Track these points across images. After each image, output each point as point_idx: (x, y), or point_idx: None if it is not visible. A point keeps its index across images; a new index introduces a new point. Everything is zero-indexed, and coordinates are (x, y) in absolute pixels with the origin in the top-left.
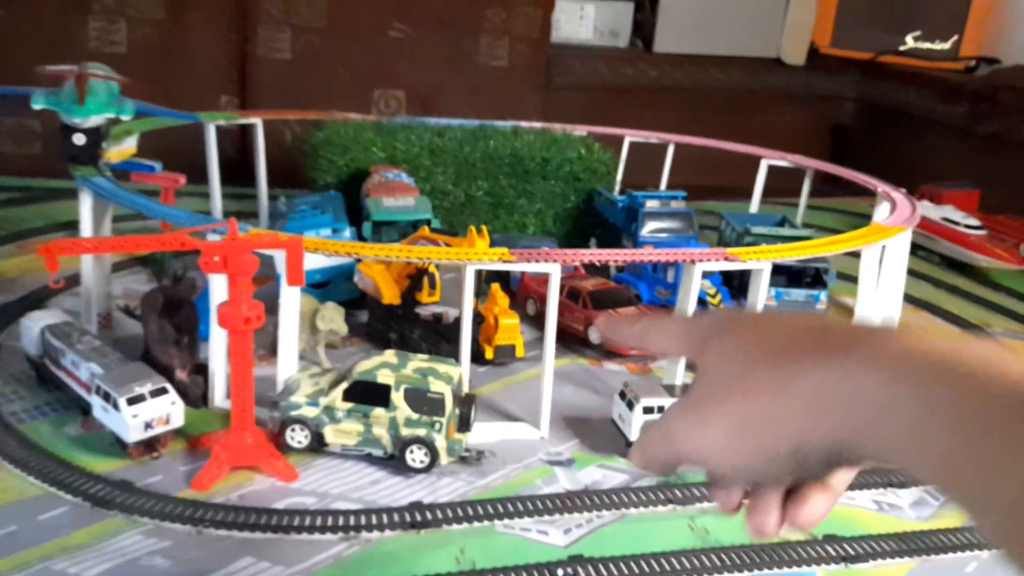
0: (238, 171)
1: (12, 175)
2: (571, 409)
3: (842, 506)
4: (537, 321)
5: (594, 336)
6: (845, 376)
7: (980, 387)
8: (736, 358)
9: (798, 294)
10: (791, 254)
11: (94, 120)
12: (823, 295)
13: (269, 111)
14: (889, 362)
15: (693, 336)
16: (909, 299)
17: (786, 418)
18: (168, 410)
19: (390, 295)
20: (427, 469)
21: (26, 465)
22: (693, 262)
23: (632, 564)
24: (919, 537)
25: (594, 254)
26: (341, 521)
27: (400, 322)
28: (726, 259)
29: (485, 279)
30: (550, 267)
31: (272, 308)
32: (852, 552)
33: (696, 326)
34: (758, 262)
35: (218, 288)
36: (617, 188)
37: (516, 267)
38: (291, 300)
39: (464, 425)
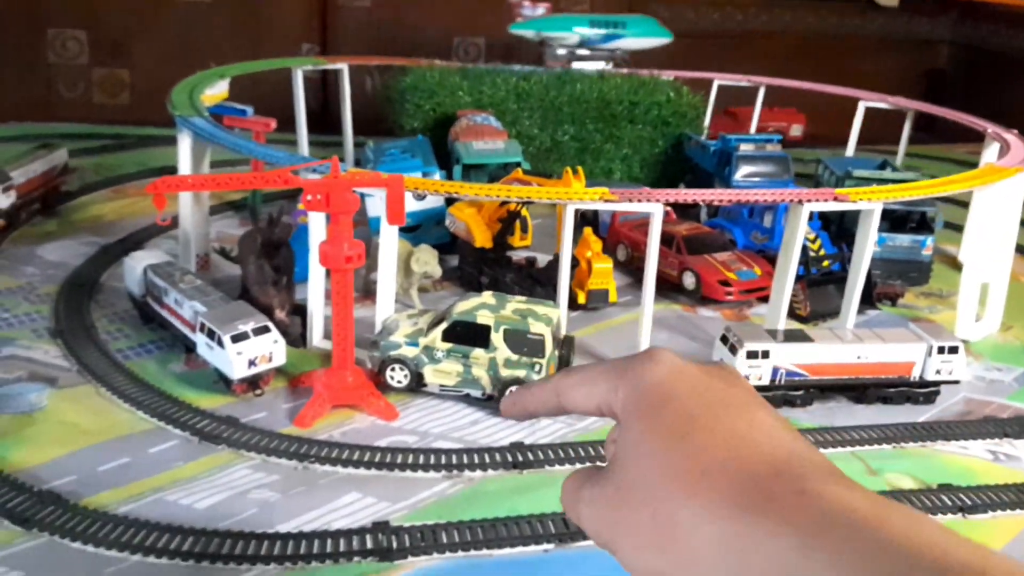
0: (321, 122)
1: (105, 123)
2: None
3: (957, 455)
4: (628, 267)
5: (689, 282)
6: (754, 546)
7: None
8: (654, 458)
9: (903, 239)
10: (903, 194)
11: None
12: (930, 240)
13: (355, 57)
14: (807, 528)
15: (623, 389)
16: (1022, 250)
17: (688, 566)
18: (271, 348)
19: (482, 238)
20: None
21: (136, 401)
22: (800, 202)
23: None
24: None
25: (697, 193)
26: (444, 460)
27: (492, 266)
28: (835, 199)
29: (576, 224)
30: (652, 207)
31: (366, 253)
32: (968, 502)
33: (630, 378)
34: (869, 202)
35: (317, 228)
36: (706, 133)
37: (616, 207)
38: (390, 240)
39: (564, 366)
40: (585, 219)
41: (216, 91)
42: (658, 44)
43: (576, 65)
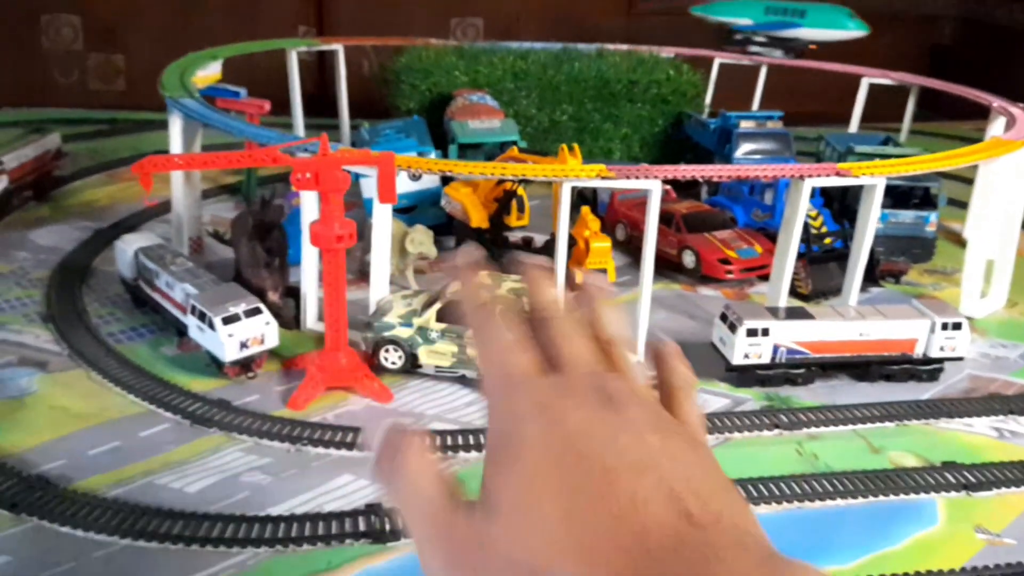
0: (319, 105)
1: (100, 109)
2: (667, 333)
3: (961, 432)
4: (627, 246)
5: (688, 260)
6: None
7: None
8: (543, 519)
9: (906, 215)
10: (906, 169)
11: None
12: (933, 217)
13: (350, 37)
14: None
15: (497, 407)
16: None
17: None
18: (263, 330)
19: (478, 218)
20: None
21: (127, 384)
22: (802, 177)
23: (739, 488)
24: None
25: (696, 170)
26: (439, 441)
27: (489, 246)
28: (837, 174)
29: (573, 203)
30: (650, 184)
31: (360, 233)
32: (973, 480)
33: (504, 408)
34: (872, 177)
35: (309, 208)
36: (706, 112)
37: (613, 184)
38: (383, 220)
39: None
40: (583, 198)
41: (208, 73)
42: (845, 37)
43: (756, 50)
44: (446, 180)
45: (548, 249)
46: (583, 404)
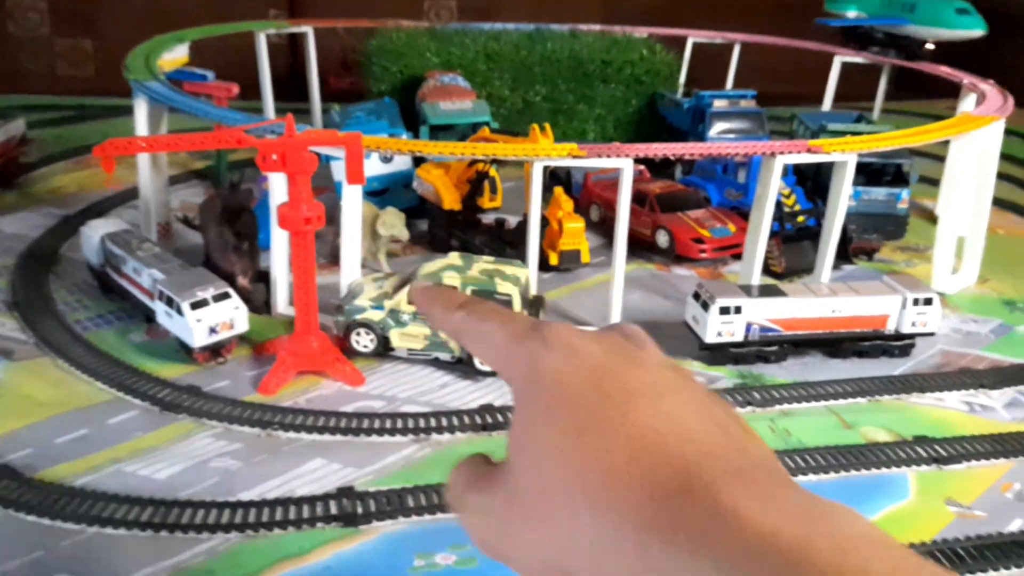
0: (290, 88)
1: (69, 95)
2: (641, 314)
3: (932, 407)
4: (601, 227)
5: (662, 240)
6: None
7: None
8: (549, 465)
9: (878, 193)
10: (877, 145)
11: None
12: (905, 193)
13: (319, 19)
14: (722, 563)
15: (517, 366)
16: (999, 203)
17: None
18: (232, 315)
19: (450, 200)
20: (496, 373)
21: (94, 372)
22: (773, 155)
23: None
24: (1015, 438)
25: (667, 147)
26: (411, 424)
27: (462, 228)
28: (808, 151)
29: (546, 184)
30: (621, 162)
31: (331, 218)
32: (944, 454)
33: (523, 355)
34: (843, 154)
35: (277, 191)
36: (680, 91)
37: (585, 163)
38: (353, 202)
39: None
40: (557, 179)
41: (175, 56)
42: (957, 37)
43: (876, 50)
44: (418, 162)
45: (521, 231)
46: (608, 348)
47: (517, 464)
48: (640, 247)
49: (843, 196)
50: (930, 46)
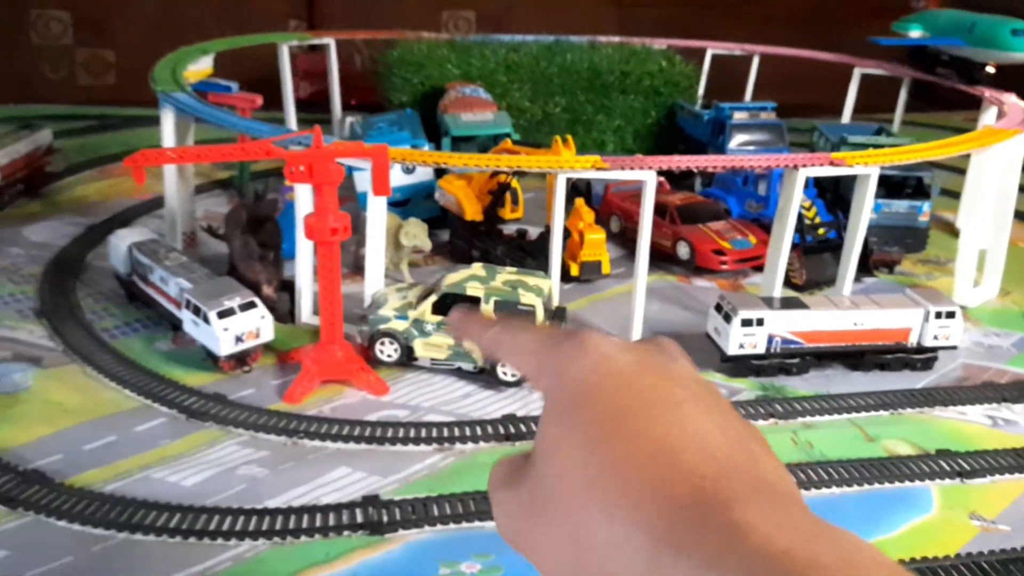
0: (310, 100)
1: (90, 104)
2: (661, 325)
3: (955, 421)
4: (621, 238)
5: (683, 252)
6: None
7: None
8: (573, 468)
9: (899, 205)
10: (899, 158)
11: None
12: (926, 206)
13: (341, 31)
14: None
15: (549, 371)
16: (1021, 216)
17: None
18: (258, 324)
19: (472, 211)
20: (519, 383)
21: (121, 379)
22: (796, 167)
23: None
24: None
25: (691, 159)
26: (435, 433)
27: (483, 239)
28: (831, 164)
29: (567, 195)
30: (644, 175)
31: (354, 228)
32: (968, 467)
33: (557, 360)
34: (865, 167)
35: (303, 201)
36: (699, 103)
37: (608, 175)
38: (378, 212)
39: None
40: (578, 190)
41: (200, 67)
42: (1013, 60)
43: (942, 72)
44: (440, 173)
45: (542, 241)
46: (639, 358)
47: (541, 465)
48: (660, 258)
49: (866, 209)
50: (990, 69)
